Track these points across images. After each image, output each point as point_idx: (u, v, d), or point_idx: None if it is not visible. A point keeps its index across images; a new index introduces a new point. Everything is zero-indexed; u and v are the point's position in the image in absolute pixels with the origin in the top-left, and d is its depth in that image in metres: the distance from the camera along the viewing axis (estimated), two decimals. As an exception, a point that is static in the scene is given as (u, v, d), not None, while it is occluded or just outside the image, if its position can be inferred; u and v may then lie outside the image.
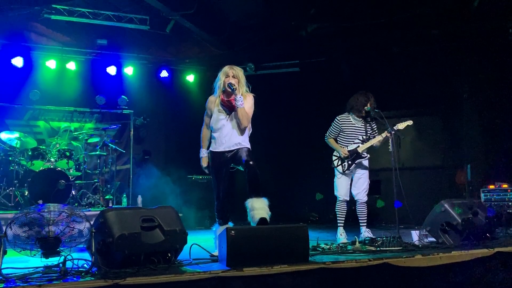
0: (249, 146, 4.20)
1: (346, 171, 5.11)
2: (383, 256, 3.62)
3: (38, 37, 8.06)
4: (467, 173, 7.06)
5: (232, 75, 4.09)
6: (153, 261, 3.13)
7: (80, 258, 3.01)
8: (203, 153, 4.25)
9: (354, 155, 5.09)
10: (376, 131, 5.23)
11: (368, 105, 5.02)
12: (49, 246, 2.95)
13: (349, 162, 5.09)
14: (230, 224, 4.23)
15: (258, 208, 3.81)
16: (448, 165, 7.71)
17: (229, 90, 4.03)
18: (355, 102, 5.12)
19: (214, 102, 4.20)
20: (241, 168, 4.11)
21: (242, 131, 4.13)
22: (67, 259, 2.90)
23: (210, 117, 4.23)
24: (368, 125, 5.21)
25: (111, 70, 8.54)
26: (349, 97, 5.38)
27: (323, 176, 9.09)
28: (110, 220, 3.07)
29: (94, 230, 3.06)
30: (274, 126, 9.13)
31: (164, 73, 8.93)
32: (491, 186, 5.77)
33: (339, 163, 5.14)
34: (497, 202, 5.57)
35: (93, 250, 3.01)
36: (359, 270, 3.46)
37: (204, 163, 4.23)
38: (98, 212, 3.44)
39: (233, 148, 4.09)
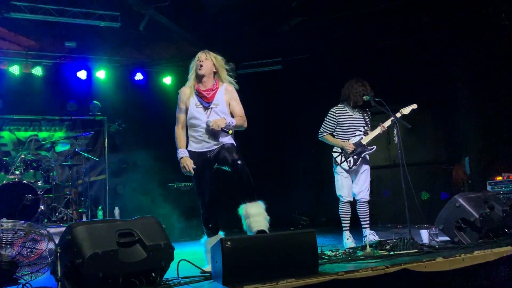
0: (233, 142, 3.69)
1: (353, 167, 4.61)
2: (400, 262, 3.15)
3: (0, 42, 7.43)
4: (466, 167, 6.70)
5: (205, 58, 3.62)
6: (134, 283, 2.59)
7: (42, 286, 2.44)
8: (182, 153, 3.57)
9: (360, 148, 4.62)
10: (370, 124, 4.80)
11: (367, 94, 4.57)
12: (2, 273, 2.38)
13: (355, 157, 4.61)
14: (221, 234, 3.69)
15: (255, 214, 3.31)
16: (444, 159, 7.36)
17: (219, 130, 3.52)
18: (350, 91, 4.65)
19: (188, 94, 3.64)
20: (226, 168, 3.58)
21: None
22: (25, 288, 2.34)
23: (185, 112, 3.65)
24: (365, 114, 4.78)
25: (82, 74, 8.01)
26: (334, 95, 4.99)
27: (312, 177, 8.78)
28: (79, 236, 2.51)
29: (59, 250, 2.50)
30: (257, 126, 8.64)
31: (139, 76, 8.44)
32: (499, 178, 5.40)
33: (343, 159, 4.63)
34: (506, 195, 5.19)
35: (59, 274, 2.45)
36: (376, 279, 2.98)
37: (187, 163, 3.51)
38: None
39: (217, 146, 3.61)
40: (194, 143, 3.66)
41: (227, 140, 3.65)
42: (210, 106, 3.59)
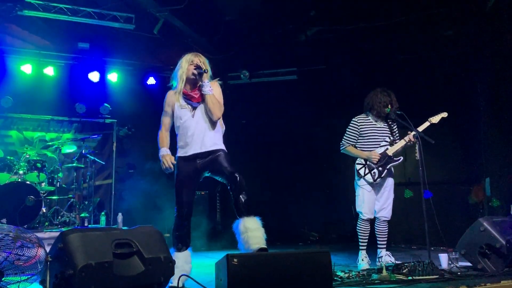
0: (224, 147, 3.49)
1: (378, 180, 4.34)
2: (420, 288, 2.90)
3: (13, 40, 7.39)
4: (486, 188, 6.39)
5: (198, 62, 3.46)
6: (130, 299, 2.37)
7: (28, 298, 2.24)
8: (164, 151, 3.47)
9: (386, 159, 4.36)
10: (398, 134, 4.55)
11: (389, 106, 4.33)
12: (-14, 281, 2.17)
13: (380, 169, 4.34)
14: (190, 250, 3.43)
15: (253, 229, 3.10)
16: (462, 179, 7.05)
17: (196, 73, 3.39)
18: (375, 100, 4.40)
19: (174, 97, 3.49)
20: (220, 179, 3.39)
21: (214, 126, 3.45)
22: (9, 300, 2.13)
23: (170, 116, 3.51)
24: (392, 124, 4.52)
25: (94, 76, 7.87)
26: (350, 108, 4.76)
27: (324, 191, 8.52)
28: (72, 245, 2.30)
29: (50, 259, 2.30)
30: (269, 137, 8.48)
31: (151, 80, 8.28)
32: (525, 201, 5.11)
33: (367, 171, 4.36)
34: (532, 220, 4.87)
35: (48, 285, 2.24)
36: (394, 307, 2.73)
37: (167, 159, 3.40)
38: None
39: (207, 150, 3.41)
40: (181, 148, 3.50)
41: (218, 146, 3.45)
42: (197, 107, 3.46)
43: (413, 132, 4.28)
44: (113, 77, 8.05)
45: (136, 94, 8.26)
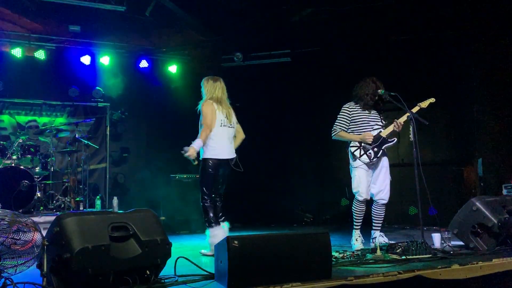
0: None
1: (374, 159, 4.35)
2: (413, 267, 2.95)
3: (3, 23, 7.26)
4: (478, 168, 6.45)
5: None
6: (127, 281, 2.40)
7: (26, 282, 2.24)
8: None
9: (381, 140, 4.38)
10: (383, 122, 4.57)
11: (382, 88, 4.33)
12: (-17, 265, 2.18)
13: (375, 149, 4.36)
14: (227, 225, 4.20)
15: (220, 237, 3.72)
16: (455, 160, 7.10)
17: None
18: (362, 92, 4.41)
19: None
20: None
21: None
22: (6, 284, 2.13)
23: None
24: (379, 112, 4.54)
25: (85, 59, 7.76)
26: (344, 90, 4.77)
27: (318, 173, 8.56)
28: (68, 229, 2.31)
29: (46, 243, 2.30)
30: (264, 120, 8.48)
31: (144, 63, 8.18)
32: (515, 181, 5.17)
33: (362, 152, 4.37)
34: (524, 199, 4.93)
35: (45, 269, 2.25)
36: (388, 286, 2.77)
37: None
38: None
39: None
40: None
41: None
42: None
43: (401, 119, 4.31)
44: (105, 60, 7.95)
45: (129, 77, 8.20)
